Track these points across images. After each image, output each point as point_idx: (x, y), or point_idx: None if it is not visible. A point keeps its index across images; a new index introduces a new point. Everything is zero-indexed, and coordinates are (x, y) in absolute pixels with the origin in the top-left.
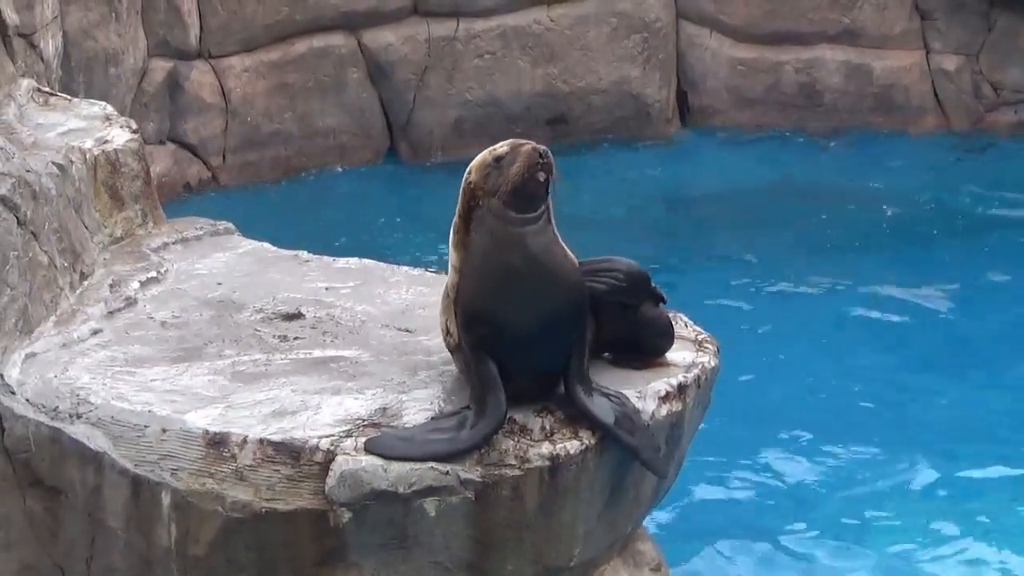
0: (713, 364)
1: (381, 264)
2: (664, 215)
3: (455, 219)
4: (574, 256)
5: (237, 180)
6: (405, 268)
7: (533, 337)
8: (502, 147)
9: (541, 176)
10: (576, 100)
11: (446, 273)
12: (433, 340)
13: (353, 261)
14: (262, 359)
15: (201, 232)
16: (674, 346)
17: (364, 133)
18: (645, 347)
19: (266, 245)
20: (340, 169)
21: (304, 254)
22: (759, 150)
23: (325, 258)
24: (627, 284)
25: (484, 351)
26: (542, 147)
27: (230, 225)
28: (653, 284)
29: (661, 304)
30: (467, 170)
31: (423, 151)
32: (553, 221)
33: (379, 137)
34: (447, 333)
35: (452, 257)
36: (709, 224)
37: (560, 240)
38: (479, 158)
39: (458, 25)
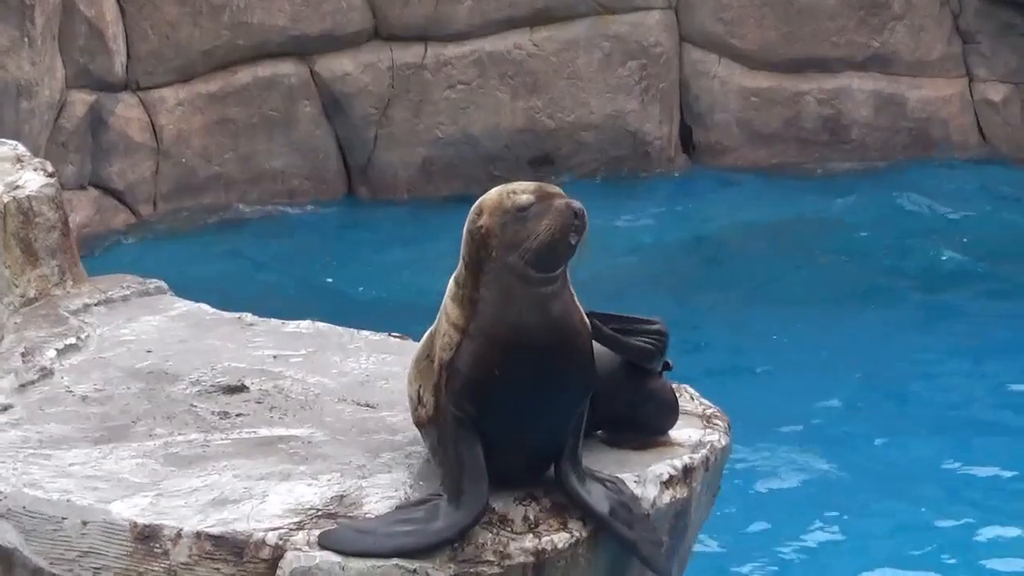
0: (724, 443)
1: (338, 328)
2: (665, 269)
3: (459, 269)
4: (587, 319)
5: (170, 231)
6: (366, 333)
7: (535, 413)
8: (525, 194)
9: (573, 239)
10: (563, 137)
11: (414, 338)
12: (398, 416)
13: (305, 325)
14: (199, 439)
15: (128, 292)
16: (678, 423)
17: (318, 176)
18: (645, 424)
19: (203, 306)
20: (290, 217)
21: (248, 317)
22: (775, 194)
23: (272, 321)
24: (665, 348)
25: (472, 428)
26: (577, 204)
27: (162, 283)
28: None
29: (665, 373)
30: (475, 210)
31: (386, 196)
32: (569, 281)
33: (335, 180)
34: (419, 403)
35: (452, 313)
36: (717, 279)
37: (578, 303)
38: (493, 199)
39: (426, 51)
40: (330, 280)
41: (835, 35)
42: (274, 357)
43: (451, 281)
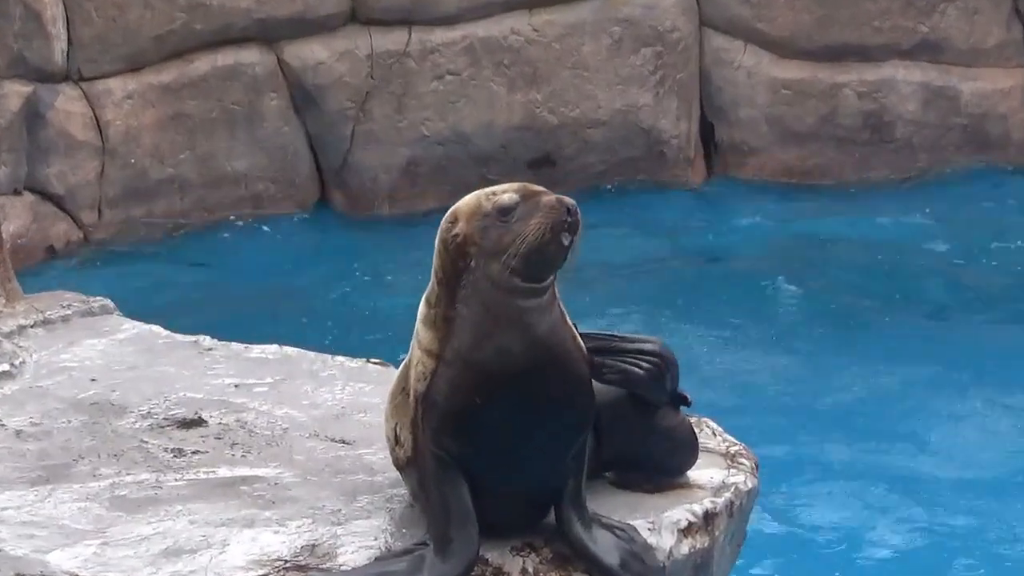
0: (750, 486)
1: (309, 353)
2: (682, 290)
3: (431, 285)
4: (581, 342)
5: (117, 242)
6: (341, 359)
7: (526, 449)
8: (508, 194)
9: (566, 239)
10: (567, 136)
11: (394, 365)
12: (377, 454)
13: (271, 349)
14: (150, 480)
15: (69, 312)
16: (698, 462)
17: (286, 180)
18: (660, 464)
19: (155, 328)
20: (255, 228)
21: (206, 340)
22: (808, 204)
23: (234, 345)
24: (663, 372)
25: (455, 468)
26: (569, 200)
27: (107, 302)
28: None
29: (682, 407)
30: (449, 217)
31: (364, 203)
32: (558, 293)
33: (306, 185)
34: (396, 443)
35: (425, 337)
36: (742, 301)
37: (568, 318)
38: (471, 203)
39: (410, 36)
40: (300, 299)
41: (878, 19)
42: (236, 386)
43: (422, 302)
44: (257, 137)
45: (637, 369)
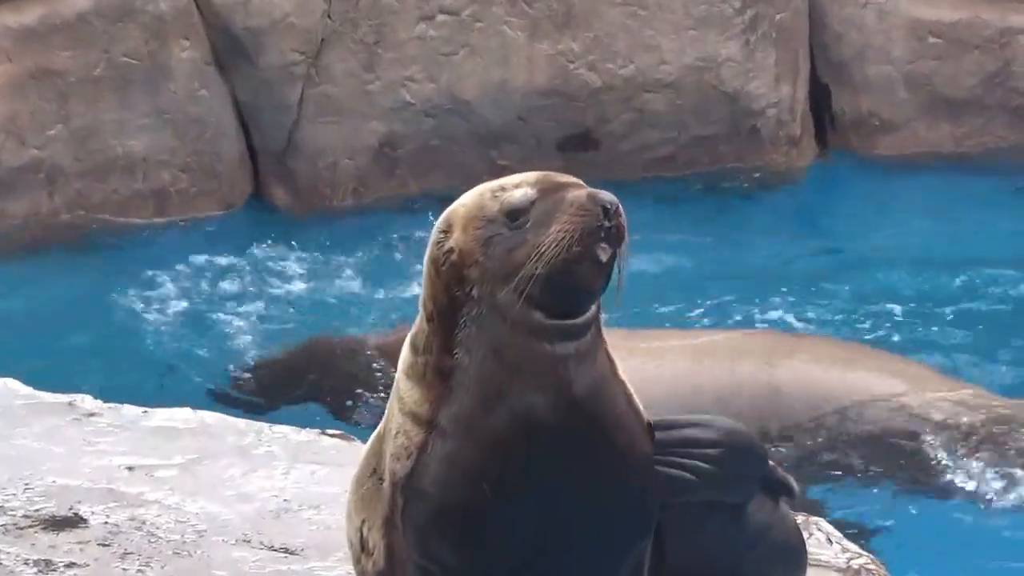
0: None
1: (236, 422)
2: (781, 316)
3: (418, 323)
4: (639, 404)
5: None
6: (283, 429)
7: (556, 563)
8: (521, 188)
9: (603, 253)
10: (615, 104)
11: (359, 438)
12: (336, 570)
13: (182, 415)
14: None
15: None
16: None
17: (205, 165)
18: None
19: (11, 383)
20: (158, 235)
21: (86, 401)
22: (965, 200)
23: (128, 408)
24: (728, 469)
25: None
26: (607, 196)
27: None
28: (771, 464)
29: (784, 499)
30: (441, 224)
31: (317, 200)
32: (602, 332)
33: (233, 175)
34: (362, 550)
35: (409, 398)
36: (877, 329)
37: (619, 371)
38: (469, 204)
39: None
40: (224, 341)
41: None
42: (130, 469)
43: (405, 346)
44: (161, 105)
45: (683, 473)
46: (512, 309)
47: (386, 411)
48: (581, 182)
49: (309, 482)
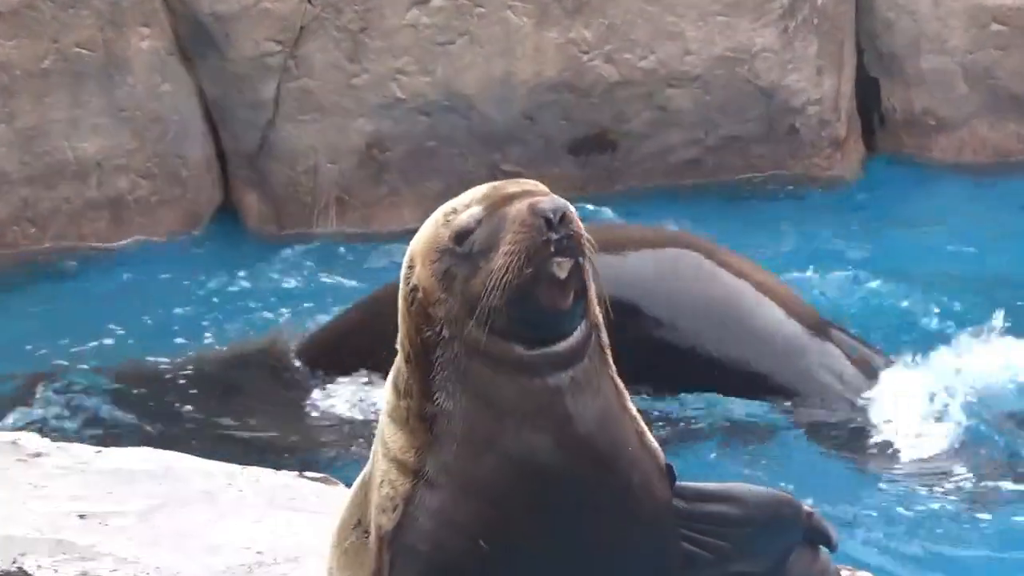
0: None
1: (204, 463)
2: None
3: (397, 363)
4: (654, 442)
5: None
6: (255, 471)
7: None
8: (470, 207)
9: (558, 269)
10: (635, 100)
11: (344, 482)
12: None
13: (141, 455)
14: None
15: None
16: None
17: (168, 170)
18: None
19: None
20: (113, 256)
21: (32, 440)
22: None
23: (78, 448)
24: (759, 547)
25: None
26: (547, 203)
27: None
28: (807, 511)
29: (821, 550)
30: (407, 259)
31: (295, 214)
32: (609, 355)
33: (199, 183)
34: None
35: (394, 443)
36: (922, 358)
37: (628, 399)
38: (425, 234)
39: None
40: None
41: None
42: (81, 517)
43: (388, 386)
44: (117, 102)
45: (707, 554)
46: (478, 344)
47: (371, 455)
48: (533, 188)
49: (286, 532)
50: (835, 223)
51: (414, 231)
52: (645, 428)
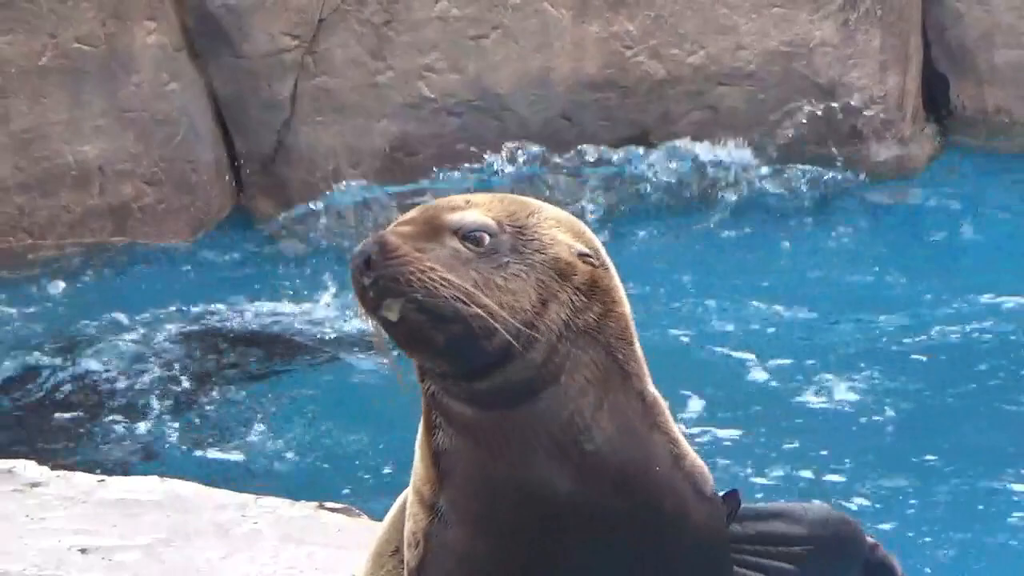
0: None
1: (214, 492)
2: (915, 370)
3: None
4: (696, 461)
5: None
6: (272, 502)
7: None
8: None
9: (387, 311)
10: (683, 97)
11: (370, 514)
12: None
13: (148, 485)
14: None
15: None
16: None
17: (175, 176)
18: None
19: None
20: (119, 259)
21: (29, 468)
22: None
23: (80, 477)
24: (818, 567)
25: None
26: (364, 244)
27: None
28: (870, 543)
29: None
30: None
31: (312, 215)
32: (631, 367)
33: (210, 187)
34: None
35: (416, 473)
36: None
37: (667, 420)
38: None
39: None
40: (198, 394)
41: None
42: (83, 552)
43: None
44: (120, 103)
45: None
46: (444, 386)
47: (410, 480)
48: (402, 219)
49: (305, 566)
50: (899, 224)
51: None
52: (685, 447)
